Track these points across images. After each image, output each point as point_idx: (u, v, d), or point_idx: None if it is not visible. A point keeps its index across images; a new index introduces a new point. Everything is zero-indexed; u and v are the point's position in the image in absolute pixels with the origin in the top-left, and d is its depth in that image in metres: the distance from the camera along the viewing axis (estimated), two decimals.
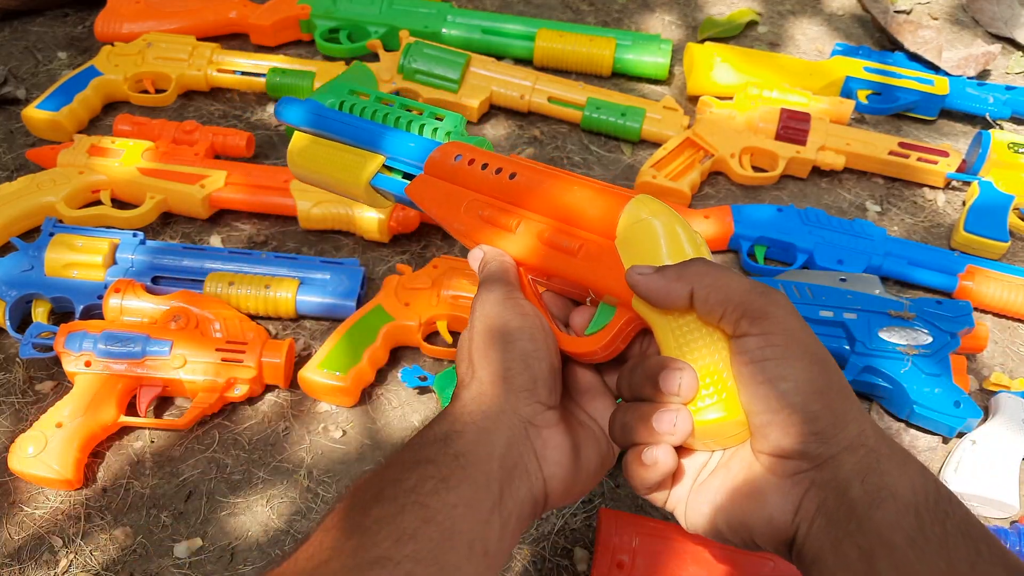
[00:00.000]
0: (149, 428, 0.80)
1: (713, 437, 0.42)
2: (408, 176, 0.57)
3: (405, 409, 0.83)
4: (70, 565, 0.72)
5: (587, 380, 0.49)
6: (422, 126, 0.58)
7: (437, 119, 0.59)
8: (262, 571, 0.71)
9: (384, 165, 0.58)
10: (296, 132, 0.63)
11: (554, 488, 0.44)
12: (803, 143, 1.03)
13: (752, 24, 1.28)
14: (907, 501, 0.36)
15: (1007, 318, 0.93)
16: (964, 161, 1.05)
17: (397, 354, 0.86)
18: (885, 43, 1.25)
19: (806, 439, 0.38)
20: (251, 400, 0.82)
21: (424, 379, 0.81)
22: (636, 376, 0.43)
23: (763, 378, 0.39)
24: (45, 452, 0.73)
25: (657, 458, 0.41)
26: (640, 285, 0.43)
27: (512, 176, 0.52)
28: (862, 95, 1.14)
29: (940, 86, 1.11)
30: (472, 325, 0.47)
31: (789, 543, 0.39)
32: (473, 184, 0.53)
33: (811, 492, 0.38)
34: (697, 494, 0.43)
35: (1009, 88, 1.13)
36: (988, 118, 1.13)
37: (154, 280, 0.86)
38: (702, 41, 1.21)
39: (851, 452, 0.38)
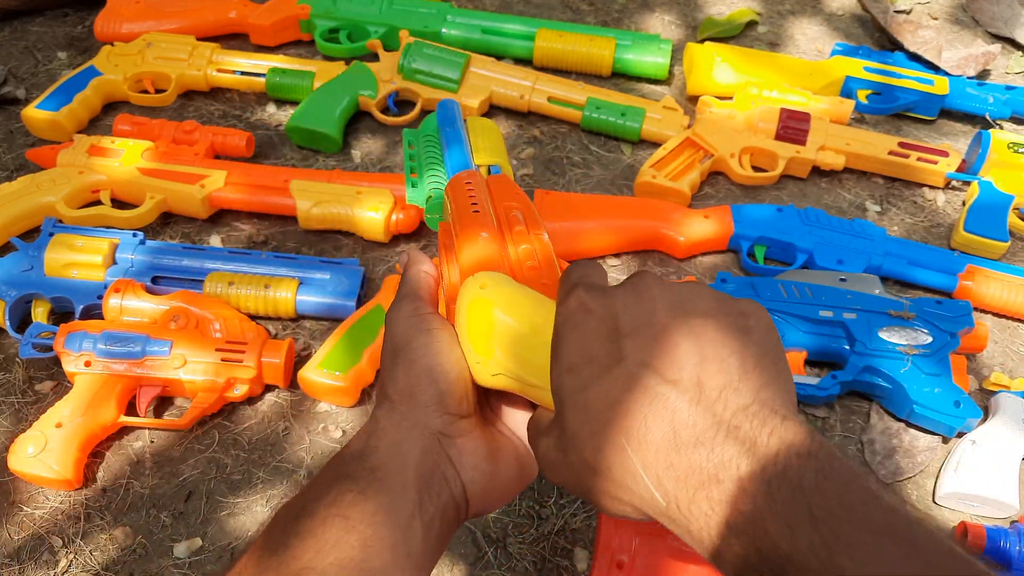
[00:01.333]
0: (149, 428, 0.80)
1: None
2: None
3: None
4: (70, 565, 0.72)
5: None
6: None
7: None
8: None
9: None
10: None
11: (474, 493, 0.46)
12: (803, 143, 1.03)
13: (752, 24, 1.28)
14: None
15: (1007, 318, 0.93)
16: (964, 161, 1.05)
17: None
18: (885, 43, 1.25)
19: None
20: (251, 400, 0.82)
21: None
22: None
23: None
24: (45, 452, 0.73)
25: None
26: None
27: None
28: (862, 95, 1.14)
29: (940, 86, 1.11)
30: (386, 340, 0.48)
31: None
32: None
33: None
34: None
35: (1009, 88, 1.13)
36: (988, 118, 1.13)
37: (154, 280, 0.87)
38: (702, 41, 1.21)
39: None
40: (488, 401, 0.50)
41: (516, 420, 0.49)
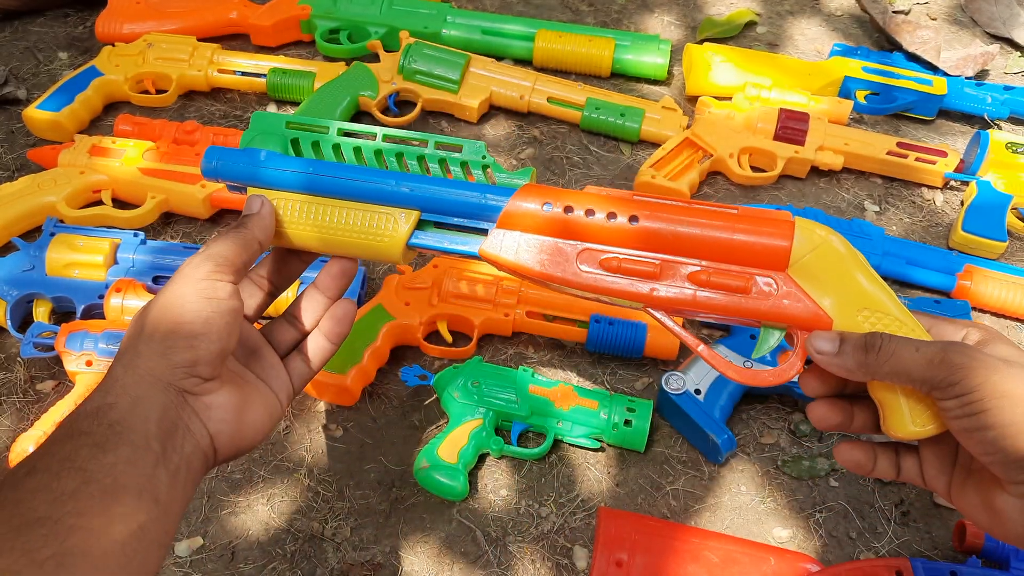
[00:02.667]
0: None
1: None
2: (465, 228, 0.49)
3: (405, 408, 0.83)
4: None
5: (254, 341, 0.53)
6: (442, 161, 0.49)
7: (452, 150, 0.50)
8: None
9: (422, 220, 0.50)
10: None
11: (222, 442, 0.48)
12: (801, 143, 1.04)
13: (751, 24, 1.28)
14: None
15: (1005, 318, 0.93)
16: (962, 161, 1.05)
17: (397, 353, 0.86)
18: (884, 43, 1.25)
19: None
20: None
21: (424, 378, 0.81)
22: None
23: (969, 430, 0.43)
24: None
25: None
26: (824, 364, 0.47)
27: (633, 220, 0.46)
28: (860, 95, 1.14)
29: (938, 86, 1.12)
30: (159, 294, 0.48)
31: None
32: (580, 234, 0.46)
33: None
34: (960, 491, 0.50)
35: (1007, 88, 1.13)
36: (986, 118, 1.13)
37: (155, 280, 0.87)
38: (701, 41, 1.22)
39: None
40: (238, 354, 0.51)
41: (264, 367, 0.51)
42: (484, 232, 0.48)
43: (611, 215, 0.46)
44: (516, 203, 0.47)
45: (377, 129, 0.52)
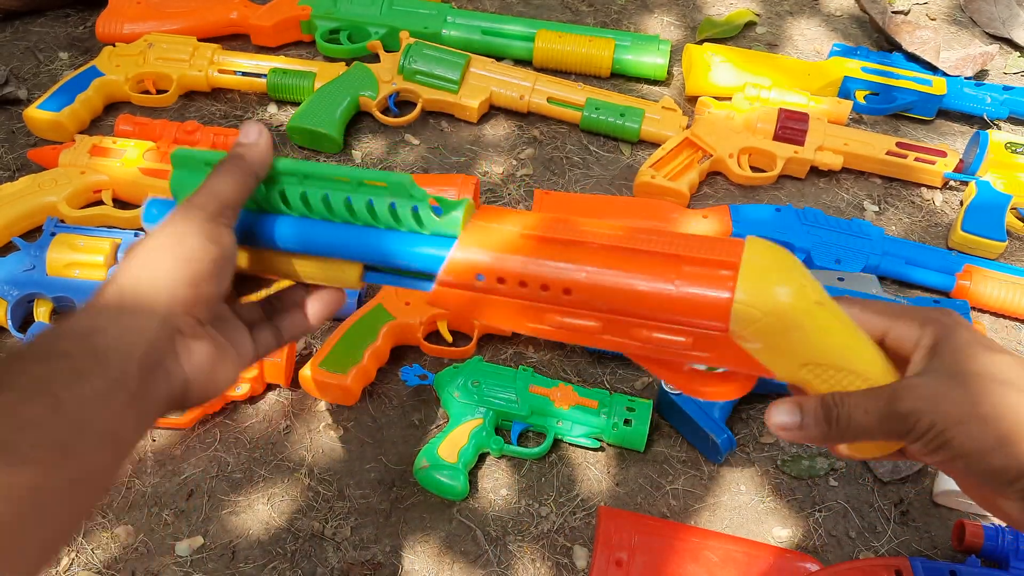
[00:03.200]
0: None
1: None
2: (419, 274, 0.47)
3: (406, 407, 0.83)
4: (71, 563, 0.72)
5: (222, 309, 0.50)
6: (369, 205, 0.45)
7: (431, 206, 0.45)
8: None
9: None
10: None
11: (194, 389, 0.46)
12: (801, 143, 1.04)
13: (750, 25, 1.28)
14: None
15: (1004, 317, 0.93)
16: (961, 161, 1.05)
17: (397, 353, 0.86)
18: (883, 43, 1.25)
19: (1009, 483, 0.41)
20: (252, 399, 0.82)
21: (424, 378, 0.81)
22: None
23: (942, 463, 0.43)
24: None
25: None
26: (787, 438, 0.46)
27: (567, 292, 0.44)
28: (860, 95, 1.14)
29: (938, 86, 1.12)
30: (165, 224, 0.46)
31: None
32: (516, 297, 0.45)
33: None
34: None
35: (1007, 88, 1.13)
36: (986, 118, 1.13)
37: None
38: (700, 42, 1.22)
39: None
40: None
41: (231, 332, 0.50)
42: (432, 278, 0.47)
43: (543, 287, 0.44)
44: (446, 274, 0.45)
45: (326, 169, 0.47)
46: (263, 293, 0.55)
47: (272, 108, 1.11)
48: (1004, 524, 0.47)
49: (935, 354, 0.43)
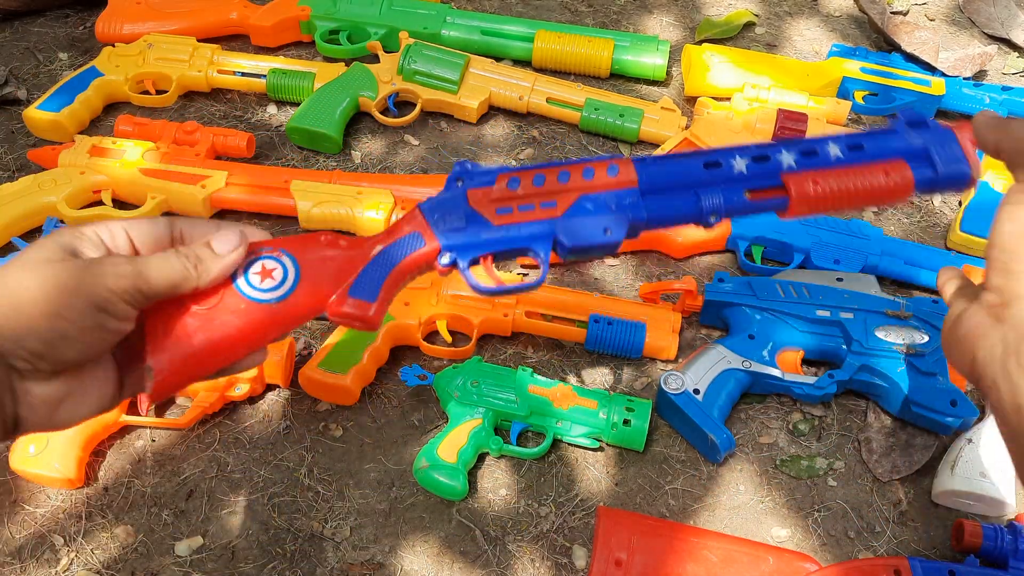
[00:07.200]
0: (150, 427, 0.80)
1: None
2: None
3: (405, 408, 0.83)
4: (71, 563, 0.72)
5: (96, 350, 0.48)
6: None
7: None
8: None
9: None
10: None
11: (29, 426, 0.45)
12: None
13: (749, 25, 1.29)
14: None
15: None
16: None
17: (397, 353, 0.86)
18: (882, 44, 1.25)
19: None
20: (252, 399, 0.83)
21: (424, 378, 0.81)
22: None
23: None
24: (46, 451, 0.74)
25: None
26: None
27: None
28: (859, 96, 1.14)
29: (936, 87, 1.12)
30: (41, 263, 0.44)
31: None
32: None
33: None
34: None
35: (1005, 88, 1.13)
36: None
37: None
38: (700, 42, 1.22)
39: None
40: None
41: (88, 377, 0.47)
42: None
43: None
44: None
45: None
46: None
47: (272, 108, 1.11)
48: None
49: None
